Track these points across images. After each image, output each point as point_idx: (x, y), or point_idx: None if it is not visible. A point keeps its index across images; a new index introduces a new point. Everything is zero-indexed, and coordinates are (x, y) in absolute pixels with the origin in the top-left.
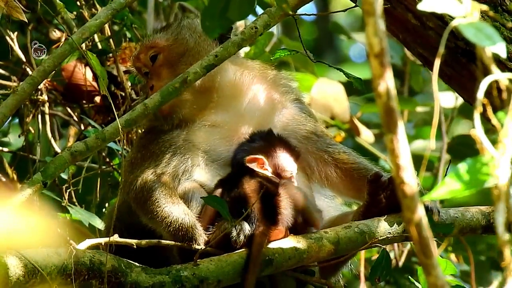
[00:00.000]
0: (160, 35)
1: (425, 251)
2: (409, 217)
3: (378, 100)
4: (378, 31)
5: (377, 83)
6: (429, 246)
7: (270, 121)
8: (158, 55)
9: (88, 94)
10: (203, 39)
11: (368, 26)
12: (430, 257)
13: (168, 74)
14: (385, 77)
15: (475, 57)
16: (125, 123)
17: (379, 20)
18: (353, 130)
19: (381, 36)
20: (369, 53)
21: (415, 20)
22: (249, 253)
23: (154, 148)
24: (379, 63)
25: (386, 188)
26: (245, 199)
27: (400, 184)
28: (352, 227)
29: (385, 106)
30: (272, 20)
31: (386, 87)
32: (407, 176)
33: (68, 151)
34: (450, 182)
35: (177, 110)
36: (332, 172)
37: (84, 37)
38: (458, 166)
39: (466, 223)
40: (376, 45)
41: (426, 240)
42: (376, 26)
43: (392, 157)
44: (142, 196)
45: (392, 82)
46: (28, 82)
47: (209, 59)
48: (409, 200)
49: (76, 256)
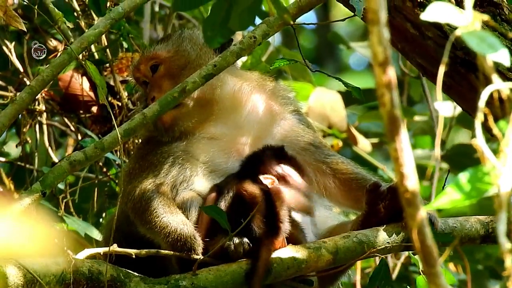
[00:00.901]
0: (160, 46)
1: (428, 260)
2: (413, 226)
3: (382, 109)
4: (382, 39)
5: (381, 92)
6: (433, 255)
7: (269, 133)
8: (158, 66)
9: (85, 104)
10: (204, 51)
11: (372, 35)
12: (433, 266)
13: (169, 85)
14: (389, 85)
15: (475, 67)
16: (124, 132)
17: (383, 29)
18: (350, 139)
19: (385, 45)
20: (373, 62)
21: (414, 30)
22: (253, 267)
23: (153, 159)
24: (383, 71)
25: (385, 198)
26: (244, 207)
27: (404, 192)
28: (351, 236)
29: (389, 115)
30: (271, 30)
31: (390, 95)
32: (411, 185)
33: (67, 161)
34: (451, 192)
35: (178, 123)
36: (330, 182)
37: (83, 46)
38: (459, 175)
39: (465, 233)
40: (380, 53)
41: (429, 249)
42: (380, 34)
43: (396, 166)
44: (141, 206)
45: (396, 90)
46: (26, 92)
47: (207, 68)
48: (412, 209)
49: (75, 265)
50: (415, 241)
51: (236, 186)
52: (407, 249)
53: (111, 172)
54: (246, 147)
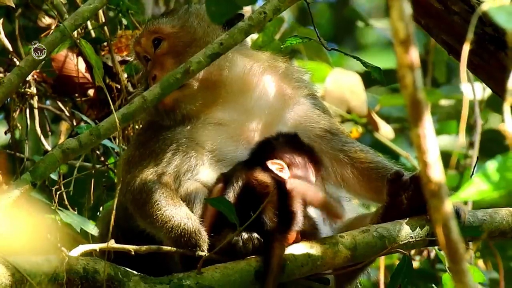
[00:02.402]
0: (165, 20)
1: (454, 256)
2: (437, 219)
3: (404, 91)
4: (404, 15)
5: (402, 73)
6: (459, 250)
7: (281, 119)
8: (162, 41)
9: (81, 87)
10: (212, 29)
11: (392, 10)
12: (459, 262)
13: (172, 64)
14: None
15: (505, 44)
16: (122, 117)
17: (404, 3)
18: (371, 125)
19: (407, 21)
20: (394, 40)
21: (438, 4)
22: (266, 264)
23: (154, 146)
24: (405, 50)
25: (408, 188)
26: (254, 198)
27: (428, 183)
28: (371, 231)
29: (411, 98)
30: (283, 5)
31: (413, 77)
32: (435, 174)
33: (59, 149)
34: (478, 182)
35: (181, 105)
36: (348, 172)
37: (77, 23)
38: (486, 164)
39: (495, 226)
40: (401, 30)
41: (455, 244)
42: (402, 9)
43: (419, 154)
44: (141, 198)
45: (419, 70)
46: (15, 73)
47: (213, 47)
48: (437, 200)
49: (68, 263)
50: (440, 235)
51: (245, 175)
52: (432, 244)
53: (109, 161)
54: (256, 134)
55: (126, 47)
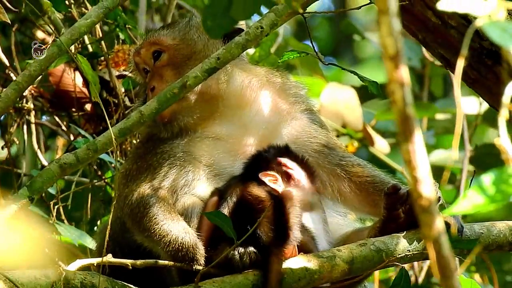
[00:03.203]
0: (165, 31)
1: (444, 271)
2: (427, 234)
3: (394, 107)
4: (393, 30)
5: (392, 88)
6: (449, 265)
7: (278, 134)
8: (162, 53)
9: (78, 101)
10: (212, 42)
11: (382, 26)
12: (450, 278)
13: (171, 76)
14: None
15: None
16: (119, 132)
17: (393, 19)
18: (366, 139)
19: (396, 37)
20: (383, 55)
21: (435, 18)
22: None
23: (152, 160)
24: (394, 66)
25: (405, 202)
26: (250, 213)
27: (418, 198)
28: (368, 244)
29: (401, 114)
30: (280, 19)
31: (402, 92)
32: (425, 190)
33: (56, 164)
34: (473, 196)
35: (178, 118)
36: (345, 186)
37: (74, 38)
38: (482, 177)
39: (492, 239)
40: (390, 46)
41: (445, 260)
42: (391, 25)
43: (409, 169)
44: (138, 212)
45: (408, 86)
46: (12, 88)
47: (210, 62)
48: (427, 216)
49: (65, 278)
50: (430, 251)
51: (240, 189)
52: (429, 257)
53: (106, 175)
54: (253, 148)
55: (123, 62)
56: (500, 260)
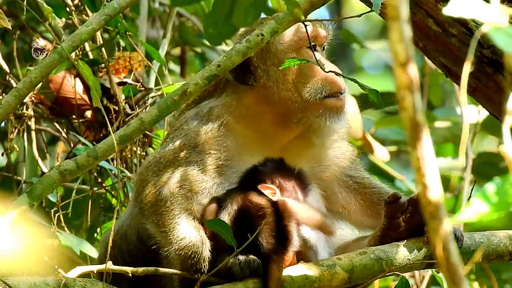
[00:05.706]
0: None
1: (453, 278)
2: (436, 241)
3: (403, 114)
4: (404, 37)
5: (402, 95)
6: (459, 272)
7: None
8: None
9: (78, 108)
10: None
11: (392, 32)
12: (459, 284)
13: None
14: (412, 88)
15: (503, 67)
16: (119, 139)
17: (404, 25)
18: (366, 147)
19: (407, 43)
20: (394, 62)
21: (436, 26)
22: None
23: (191, 156)
24: (405, 72)
25: (405, 211)
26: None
27: (427, 205)
28: (368, 253)
29: (411, 120)
30: (280, 27)
31: (412, 99)
32: (434, 197)
33: (56, 170)
34: (477, 204)
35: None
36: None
37: (75, 45)
38: (485, 186)
39: (492, 248)
40: (401, 52)
41: (455, 267)
42: (401, 31)
43: (418, 176)
44: (163, 206)
45: (418, 93)
46: (13, 95)
47: (211, 69)
48: (436, 223)
49: (65, 285)
50: (439, 258)
51: (240, 197)
52: (429, 266)
53: (106, 183)
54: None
55: (124, 69)
56: (499, 269)
